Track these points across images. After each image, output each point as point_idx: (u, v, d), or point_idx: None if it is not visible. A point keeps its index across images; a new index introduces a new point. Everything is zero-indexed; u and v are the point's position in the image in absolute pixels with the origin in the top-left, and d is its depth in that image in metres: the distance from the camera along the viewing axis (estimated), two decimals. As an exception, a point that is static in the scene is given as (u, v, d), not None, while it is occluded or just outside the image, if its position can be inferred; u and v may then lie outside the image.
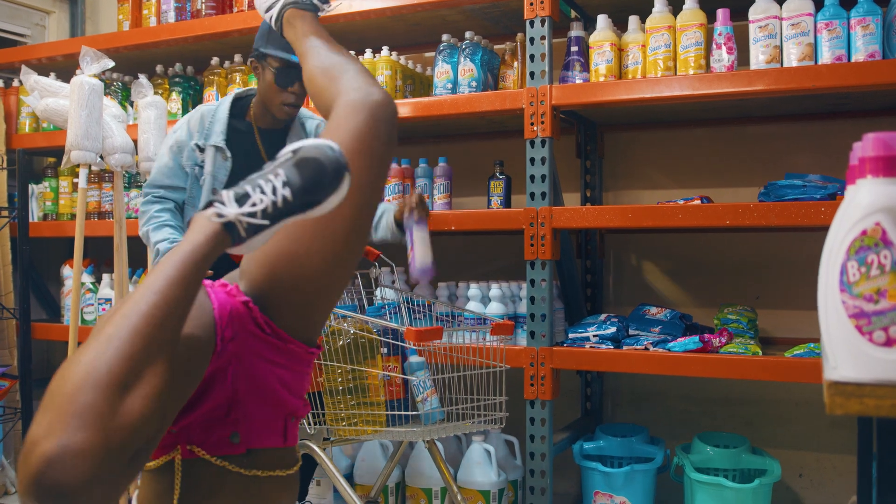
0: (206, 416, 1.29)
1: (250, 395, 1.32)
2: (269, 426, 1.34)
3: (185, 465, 1.29)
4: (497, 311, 2.93)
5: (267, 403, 1.34)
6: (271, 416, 1.35)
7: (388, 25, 3.42)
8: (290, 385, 1.37)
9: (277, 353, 1.36)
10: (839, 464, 3.09)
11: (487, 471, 2.94)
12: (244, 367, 1.31)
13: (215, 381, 1.29)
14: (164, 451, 1.31)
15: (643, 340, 2.78)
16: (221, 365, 1.29)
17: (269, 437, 1.34)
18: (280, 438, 1.36)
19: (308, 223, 1.34)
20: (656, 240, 3.38)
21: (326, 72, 1.59)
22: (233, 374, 1.30)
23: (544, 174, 2.82)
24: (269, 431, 1.34)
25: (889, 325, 1.07)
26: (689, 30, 2.70)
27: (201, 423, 1.30)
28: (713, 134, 3.29)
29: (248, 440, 1.31)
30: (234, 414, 1.31)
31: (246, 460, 1.32)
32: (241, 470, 1.31)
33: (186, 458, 1.29)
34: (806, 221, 2.47)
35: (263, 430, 1.33)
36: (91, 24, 4.79)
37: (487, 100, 2.96)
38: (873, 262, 1.08)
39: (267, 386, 1.34)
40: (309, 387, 1.48)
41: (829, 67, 2.48)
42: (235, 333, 1.31)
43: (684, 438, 3.21)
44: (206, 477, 1.30)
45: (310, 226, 1.36)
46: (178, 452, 1.29)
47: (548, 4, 2.82)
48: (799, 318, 3.11)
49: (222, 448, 1.30)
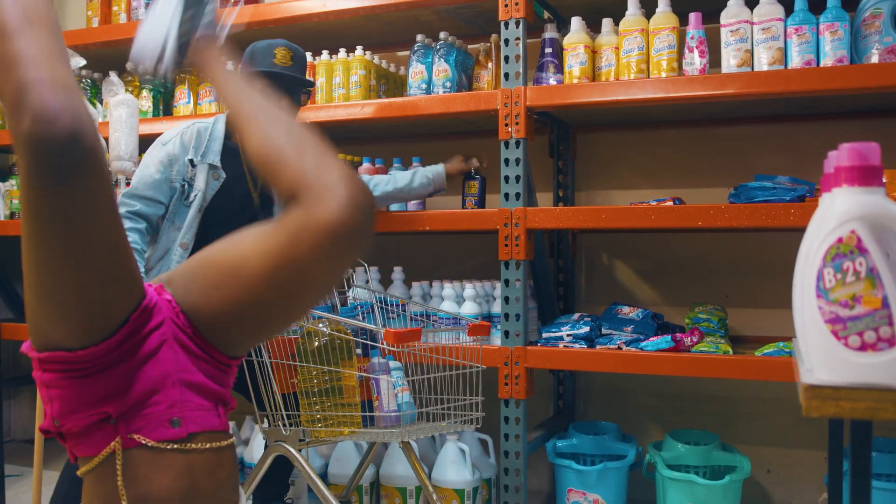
0: (141, 400, 1.30)
1: (182, 381, 1.34)
2: (203, 409, 1.36)
3: (124, 455, 1.30)
4: (471, 311, 2.95)
5: (197, 390, 1.36)
6: (203, 401, 1.37)
7: (361, 25, 3.42)
8: (215, 378, 1.40)
9: (198, 348, 1.39)
10: (806, 459, 3.15)
11: (462, 469, 2.96)
12: (172, 352, 1.34)
13: (148, 362, 1.31)
14: (102, 445, 1.31)
15: (616, 340, 2.81)
16: (156, 344, 1.31)
17: (206, 420, 1.36)
18: (217, 420, 1.38)
19: (220, 263, 1.35)
20: (628, 239, 3.42)
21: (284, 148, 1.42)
22: (164, 357, 1.32)
23: (518, 175, 2.84)
24: (205, 413, 1.36)
25: (864, 330, 1.10)
26: (661, 33, 2.73)
27: (138, 409, 1.30)
28: (685, 135, 3.33)
29: (186, 425, 1.33)
30: (170, 398, 1.32)
31: (182, 440, 1.34)
32: (179, 446, 1.32)
33: (126, 448, 1.30)
34: (775, 223, 2.51)
35: (199, 413, 1.35)
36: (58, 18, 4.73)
37: (462, 101, 2.97)
38: (849, 268, 1.11)
39: (195, 375, 1.36)
40: (234, 382, 1.50)
41: (799, 72, 2.53)
42: (164, 320, 1.33)
43: (656, 436, 3.26)
44: (142, 464, 1.32)
45: (220, 265, 1.37)
46: (118, 443, 1.30)
47: (522, 6, 2.84)
48: (768, 317, 3.16)
49: (162, 432, 1.31)
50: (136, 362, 1.29)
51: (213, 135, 2.76)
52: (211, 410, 1.36)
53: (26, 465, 3.87)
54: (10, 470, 3.71)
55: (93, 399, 1.27)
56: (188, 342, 1.36)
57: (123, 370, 1.28)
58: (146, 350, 1.30)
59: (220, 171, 2.73)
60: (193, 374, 1.34)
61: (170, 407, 1.30)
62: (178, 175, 2.72)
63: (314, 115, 3.22)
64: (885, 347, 1.09)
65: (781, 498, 3.20)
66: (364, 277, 3.11)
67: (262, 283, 1.35)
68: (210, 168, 2.73)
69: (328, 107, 3.24)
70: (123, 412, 1.28)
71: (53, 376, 1.28)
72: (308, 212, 1.29)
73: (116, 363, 1.28)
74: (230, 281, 1.35)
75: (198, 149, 2.74)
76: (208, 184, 2.72)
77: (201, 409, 1.34)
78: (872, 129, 3.03)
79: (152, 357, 1.30)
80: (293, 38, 3.57)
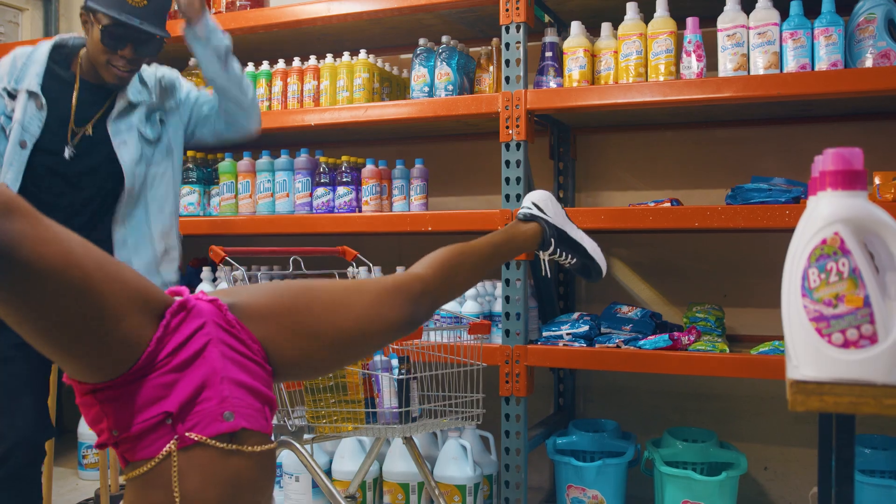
0: (193, 396, 1.34)
1: (230, 378, 1.38)
2: (253, 408, 1.40)
3: (179, 457, 1.32)
4: (472, 310, 3.00)
5: (246, 389, 1.40)
6: (253, 401, 1.41)
7: (365, 28, 3.47)
8: (262, 379, 1.44)
9: (245, 348, 1.43)
10: (802, 457, 3.20)
11: (463, 466, 3.01)
12: (218, 352, 1.38)
13: (195, 361, 1.35)
14: (158, 446, 1.33)
15: (615, 338, 2.86)
16: (197, 347, 1.36)
17: (256, 420, 1.40)
18: (264, 423, 1.42)
19: (321, 309, 1.55)
20: (627, 240, 3.47)
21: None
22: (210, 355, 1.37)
23: (519, 176, 2.89)
24: (255, 413, 1.40)
25: (846, 328, 1.15)
26: (659, 37, 2.78)
27: (191, 405, 1.34)
28: (683, 137, 3.38)
29: (238, 419, 1.36)
30: (220, 393, 1.36)
31: (234, 439, 1.37)
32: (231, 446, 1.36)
33: (182, 448, 1.32)
34: (771, 224, 2.56)
35: (250, 412, 1.39)
36: (65, 21, 4.79)
37: (464, 103, 3.03)
38: (832, 269, 1.16)
39: (241, 375, 1.40)
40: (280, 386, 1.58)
41: (794, 76, 2.58)
42: (206, 322, 1.38)
43: (654, 433, 3.31)
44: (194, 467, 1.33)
45: (319, 311, 1.55)
46: (174, 445, 1.32)
47: (523, 10, 2.89)
48: (764, 316, 3.21)
49: (216, 426, 1.34)
50: (183, 359, 1.34)
51: (31, 58, 2.41)
52: (260, 411, 1.41)
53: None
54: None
55: (148, 400, 1.31)
56: (235, 342, 1.42)
57: (172, 368, 1.33)
58: (191, 350, 1.35)
59: (42, 99, 2.36)
60: (240, 374, 1.40)
61: (221, 402, 1.35)
62: None
63: (318, 118, 3.27)
64: (866, 344, 1.14)
65: (778, 494, 3.25)
66: (367, 277, 3.16)
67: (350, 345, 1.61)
68: (28, 95, 2.36)
69: (332, 109, 3.29)
70: (181, 408, 1.32)
71: (104, 395, 1.32)
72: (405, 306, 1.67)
73: (164, 362, 1.33)
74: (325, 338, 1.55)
75: (11, 75, 2.39)
76: (26, 113, 2.35)
77: (251, 408, 1.39)
78: (866, 132, 3.08)
79: (199, 356, 1.36)
80: (298, 41, 3.64)
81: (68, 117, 2.41)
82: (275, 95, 3.51)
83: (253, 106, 2.69)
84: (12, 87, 2.37)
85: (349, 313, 1.58)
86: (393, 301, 1.66)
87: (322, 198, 3.33)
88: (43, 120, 2.37)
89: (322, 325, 1.54)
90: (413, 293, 1.71)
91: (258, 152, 3.55)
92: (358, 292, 1.62)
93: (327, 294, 1.59)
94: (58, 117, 2.40)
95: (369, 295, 1.63)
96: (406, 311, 1.68)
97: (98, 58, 2.35)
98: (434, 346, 2.49)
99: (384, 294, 1.65)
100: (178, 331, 1.35)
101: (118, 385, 1.31)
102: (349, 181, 3.30)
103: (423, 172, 3.30)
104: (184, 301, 1.39)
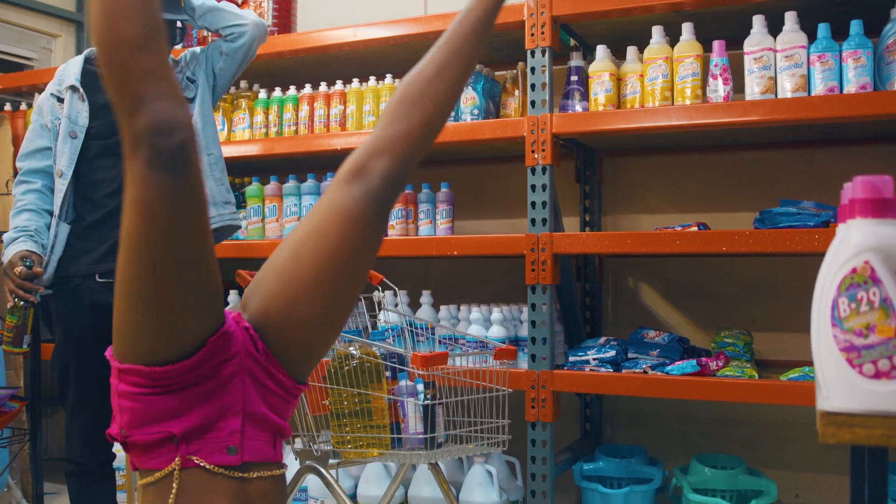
0: (205, 424, 1.35)
1: (245, 412, 1.39)
2: (261, 439, 1.41)
3: (181, 475, 1.35)
4: (498, 335, 2.99)
5: (258, 421, 1.41)
6: (262, 432, 1.42)
7: (390, 53, 3.50)
8: (278, 409, 1.45)
9: (269, 378, 1.44)
10: (835, 484, 3.14)
11: (489, 491, 2.99)
12: (241, 383, 1.39)
13: (218, 390, 1.36)
14: (163, 462, 1.36)
15: (642, 363, 2.84)
16: (228, 374, 1.37)
17: (262, 450, 1.41)
18: (272, 451, 1.43)
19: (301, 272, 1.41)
20: (654, 263, 3.45)
21: None
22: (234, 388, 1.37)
23: (545, 200, 2.88)
24: (262, 444, 1.41)
25: (878, 359, 1.13)
26: (685, 60, 2.77)
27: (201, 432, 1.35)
28: (709, 160, 3.36)
29: (242, 454, 1.38)
30: (231, 426, 1.37)
31: (238, 467, 1.38)
32: (233, 473, 1.37)
33: (184, 468, 1.35)
34: (800, 248, 2.53)
35: (256, 444, 1.40)
36: (97, 47, 4.86)
37: (489, 128, 3.03)
38: (863, 298, 1.14)
39: (259, 407, 1.41)
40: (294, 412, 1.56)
41: (823, 99, 2.56)
42: (238, 351, 1.38)
43: (682, 459, 3.27)
44: (198, 485, 1.36)
45: (304, 275, 1.43)
46: (178, 463, 1.35)
47: (548, 35, 2.90)
48: (794, 341, 3.17)
49: (219, 458, 1.36)
50: (206, 388, 1.34)
51: (70, 64, 2.73)
52: (269, 443, 1.40)
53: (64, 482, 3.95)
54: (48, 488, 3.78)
55: (161, 416, 1.32)
56: (260, 373, 1.42)
57: (193, 394, 1.33)
58: (219, 378, 1.35)
59: (82, 91, 2.65)
60: (258, 406, 1.39)
61: (230, 435, 1.35)
62: (50, 115, 2.67)
63: (345, 142, 3.29)
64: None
65: (809, 523, 3.19)
66: (394, 301, 3.16)
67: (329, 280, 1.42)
68: (71, 91, 2.66)
69: (358, 133, 3.31)
70: (186, 433, 1.33)
71: (129, 389, 1.34)
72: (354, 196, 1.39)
73: (188, 386, 1.34)
74: (302, 290, 1.41)
75: (56, 84, 2.71)
76: (72, 107, 2.64)
77: (259, 440, 1.39)
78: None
79: (223, 387, 1.35)
80: (325, 65, 3.68)
81: (107, 106, 2.55)
82: (301, 120, 3.53)
83: (250, 17, 2.84)
84: (58, 90, 2.67)
85: (314, 250, 1.39)
86: (340, 198, 1.39)
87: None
88: (87, 110, 2.63)
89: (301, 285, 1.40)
90: (355, 167, 1.40)
91: (285, 176, 3.58)
92: (310, 218, 1.42)
93: (295, 245, 1.42)
94: (101, 106, 2.63)
95: (320, 213, 1.41)
96: (356, 190, 1.38)
97: None
98: (460, 372, 2.48)
99: (332, 197, 1.40)
100: (213, 359, 1.37)
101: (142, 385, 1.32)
102: (375, 205, 3.31)
103: (448, 196, 3.30)
104: (227, 331, 1.40)
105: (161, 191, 1.22)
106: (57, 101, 2.67)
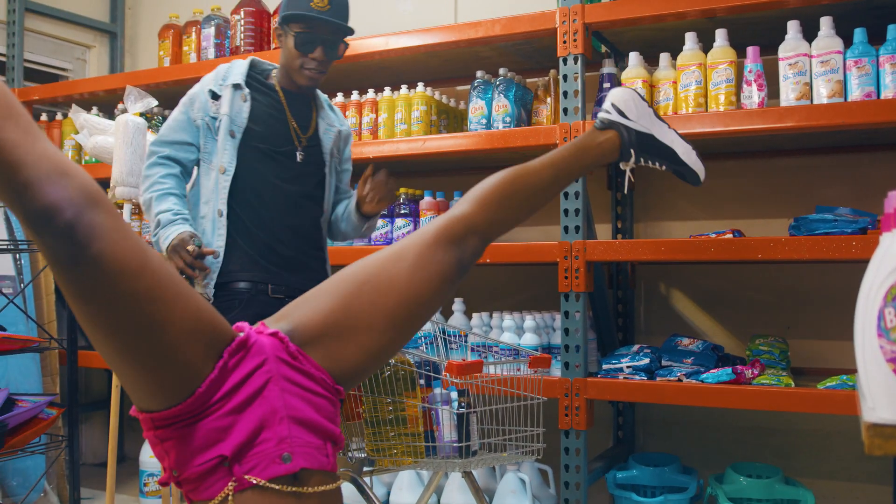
0: (251, 438, 1.34)
1: (290, 417, 1.37)
2: (313, 446, 1.39)
3: (236, 499, 1.33)
4: (531, 342, 2.99)
5: (305, 425, 1.39)
6: (313, 438, 1.39)
7: (422, 61, 3.51)
8: (323, 410, 1.43)
9: (307, 378, 1.42)
10: (873, 493, 3.10)
11: (522, 499, 2.98)
12: (279, 389, 1.37)
13: (255, 400, 1.35)
14: (217, 489, 1.33)
15: (676, 371, 2.82)
16: (261, 383, 1.36)
17: (316, 457, 1.38)
18: (326, 460, 1.40)
19: (380, 304, 1.51)
20: (687, 270, 3.43)
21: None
22: (270, 394, 1.36)
23: (578, 208, 2.88)
24: (314, 450, 1.38)
25: (925, 370, 1.12)
26: (719, 67, 2.76)
27: (249, 447, 1.34)
28: (743, 166, 3.34)
29: (297, 459, 1.35)
30: (278, 433, 1.35)
31: (294, 481, 1.36)
32: (290, 488, 1.35)
33: (239, 491, 1.33)
34: (837, 255, 2.51)
35: (309, 451, 1.38)
36: (130, 58, 4.92)
37: (521, 135, 3.03)
38: (909, 309, 1.13)
39: (304, 412, 1.39)
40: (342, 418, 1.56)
41: (860, 104, 2.53)
42: (266, 358, 1.37)
43: (717, 468, 3.24)
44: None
45: (383, 307, 1.51)
46: (231, 488, 1.32)
47: (580, 42, 2.89)
48: (830, 349, 3.13)
49: (274, 469, 1.34)
50: (240, 400, 1.33)
51: (233, 65, 2.67)
52: (321, 448, 1.38)
53: (99, 488, 4.00)
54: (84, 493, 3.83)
55: (205, 444, 1.31)
56: (296, 375, 1.40)
57: (228, 409, 1.32)
58: (250, 389, 1.33)
59: (245, 90, 2.60)
60: (302, 411, 1.37)
61: (279, 442, 1.33)
62: (200, 111, 2.60)
63: (377, 150, 3.30)
64: (947, 387, 1.10)
65: (847, 533, 3.15)
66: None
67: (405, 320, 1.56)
68: (234, 89, 2.59)
69: (390, 141, 3.32)
70: (236, 451, 1.31)
71: (164, 431, 1.32)
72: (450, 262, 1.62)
73: (220, 402, 1.32)
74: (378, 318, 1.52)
75: (216, 80, 2.63)
76: (233, 105, 2.58)
77: (310, 446, 1.36)
78: (936, 160, 3.01)
79: (258, 395, 1.34)
80: (357, 74, 3.69)
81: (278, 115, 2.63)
82: (333, 128, 3.55)
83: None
84: (218, 87, 2.60)
85: (395, 288, 1.53)
86: (434, 255, 1.59)
87: (381, 229, 3.36)
88: (248, 112, 2.59)
89: (374, 314, 1.50)
90: (454, 236, 1.63)
91: (317, 184, 3.59)
92: (399, 259, 1.57)
93: (371, 276, 1.55)
94: (260, 112, 2.61)
95: (411, 259, 1.57)
96: (451, 257, 1.61)
97: (292, 63, 2.58)
98: (493, 380, 2.48)
99: (425, 250, 1.59)
100: (237, 370, 1.34)
101: (174, 422, 1.31)
102: (407, 213, 3.32)
103: (480, 204, 3.30)
104: (244, 339, 1.39)
105: (74, 275, 1.18)
106: (212, 97, 2.60)
